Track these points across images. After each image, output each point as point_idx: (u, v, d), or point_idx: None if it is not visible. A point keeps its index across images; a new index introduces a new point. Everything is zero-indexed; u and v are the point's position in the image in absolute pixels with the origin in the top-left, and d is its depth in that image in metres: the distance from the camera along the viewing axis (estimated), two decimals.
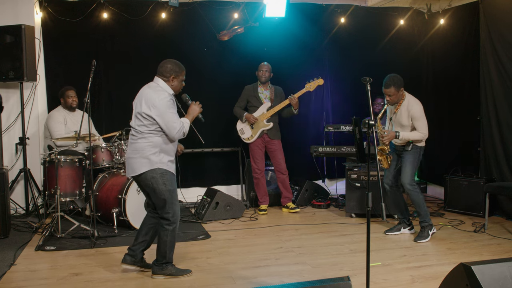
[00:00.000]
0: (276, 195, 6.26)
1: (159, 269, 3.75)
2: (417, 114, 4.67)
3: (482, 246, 4.60)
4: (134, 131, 3.70)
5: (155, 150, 3.61)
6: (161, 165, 3.64)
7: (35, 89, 5.90)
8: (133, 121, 3.72)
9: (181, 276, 3.78)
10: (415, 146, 4.72)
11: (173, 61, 3.78)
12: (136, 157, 3.63)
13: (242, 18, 6.39)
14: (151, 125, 3.60)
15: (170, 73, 3.72)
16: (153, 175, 3.61)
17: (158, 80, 3.74)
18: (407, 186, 4.73)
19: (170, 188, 3.67)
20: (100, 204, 5.14)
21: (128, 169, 3.72)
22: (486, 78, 5.85)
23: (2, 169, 4.92)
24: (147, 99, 3.61)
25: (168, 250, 3.72)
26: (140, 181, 3.70)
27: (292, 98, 5.78)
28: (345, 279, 2.42)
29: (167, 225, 3.70)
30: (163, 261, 3.74)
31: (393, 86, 4.63)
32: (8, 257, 4.22)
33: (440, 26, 6.66)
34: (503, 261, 2.45)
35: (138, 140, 3.65)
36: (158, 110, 3.57)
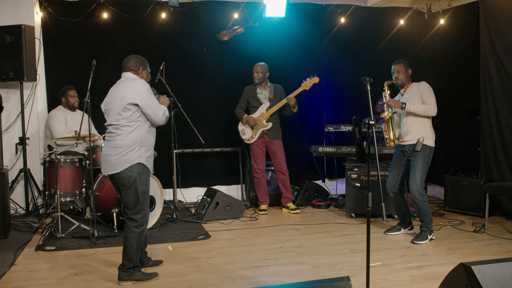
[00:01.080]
0: (276, 195, 6.26)
1: (126, 275, 3.64)
2: (426, 87, 4.62)
3: (482, 246, 4.60)
4: (113, 128, 3.61)
5: (134, 145, 3.57)
6: (140, 160, 3.59)
7: (35, 89, 5.90)
8: (110, 118, 3.63)
9: (149, 281, 3.69)
10: (425, 146, 4.59)
11: (136, 55, 3.79)
12: (115, 154, 3.57)
13: (242, 18, 6.39)
14: (131, 115, 3.55)
15: (138, 66, 3.73)
16: (131, 173, 3.55)
17: (128, 74, 3.71)
18: (416, 195, 4.62)
19: (145, 188, 3.63)
20: (100, 204, 5.14)
21: (106, 166, 3.63)
22: (486, 78, 5.85)
23: (2, 169, 4.92)
24: (128, 90, 3.56)
25: (135, 254, 3.63)
26: (116, 179, 3.61)
27: (289, 99, 5.79)
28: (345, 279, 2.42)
29: (135, 227, 3.61)
30: (130, 266, 3.64)
31: (402, 63, 4.73)
32: (8, 257, 4.22)
33: (440, 26, 6.67)
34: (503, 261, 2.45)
35: (116, 137, 3.58)
36: (141, 95, 3.54)
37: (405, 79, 4.73)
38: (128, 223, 3.64)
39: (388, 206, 5.35)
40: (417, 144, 4.60)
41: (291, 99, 5.79)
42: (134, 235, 3.62)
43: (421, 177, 4.61)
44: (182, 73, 6.36)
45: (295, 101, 5.82)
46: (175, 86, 5.67)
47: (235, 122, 6.08)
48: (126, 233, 3.64)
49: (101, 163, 3.74)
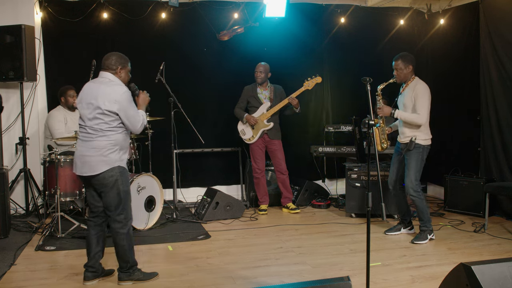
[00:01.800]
0: (276, 195, 6.26)
1: (126, 275, 3.63)
2: (421, 92, 4.53)
3: (482, 246, 4.60)
4: (91, 130, 3.48)
5: (115, 148, 3.51)
6: (120, 162, 3.54)
7: (35, 89, 5.90)
8: (87, 121, 3.50)
9: (149, 280, 3.68)
10: (417, 145, 4.59)
11: (117, 53, 3.65)
12: (95, 155, 3.46)
13: (242, 18, 6.39)
14: (112, 121, 3.47)
15: (117, 65, 3.59)
16: (112, 173, 3.49)
17: (107, 74, 3.58)
18: (411, 192, 4.63)
19: (126, 188, 3.58)
20: None
21: (83, 167, 3.51)
22: (486, 78, 5.85)
23: (2, 169, 4.92)
24: (106, 95, 3.44)
25: (129, 254, 3.60)
26: (96, 181, 3.51)
27: (292, 99, 5.78)
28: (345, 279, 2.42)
29: (120, 228, 3.56)
30: (128, 266, 3.62)
31: (400, 59, 4.62)
32: (8, 257, 4.22)
33: (440, 26, 6.67)
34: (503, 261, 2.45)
35: (97, 138, 3.47)
36: (121, 105, 3.45)
37: (405, 76, 4.66)
38: (113, 226, 3.57)
39: (388, 206, 5.35)
40: (409, 143, 4.62)
41: (293, 99, 5.78)
42: (122, 236, 3.57)
43: (415, 175, 4.62)
44: (182, 73, 6.36)
45: (297, 101, 5.81)
46: (175, 86, 5.68)
47: (235, 122, 6.08)
48: (114, 236, 3.59)
49: (76, 164, 3.57)
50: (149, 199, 5.22)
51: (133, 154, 5.43)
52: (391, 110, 4.59)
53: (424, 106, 4.52)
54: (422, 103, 4.52)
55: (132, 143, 5.44)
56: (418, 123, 4.55)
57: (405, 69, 4.62)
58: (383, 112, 4.61)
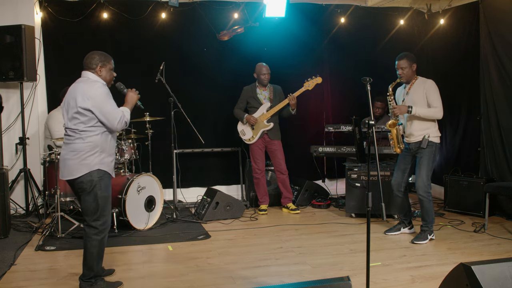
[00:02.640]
0: (276, 195, 6.26)
1: (87, 285, 3.47)
2: (432, 88, 4.55)
3: (482, 246, 4.60)
4: (70, 131, 3.43)
5: (94, 150, 3.40)
6: (101, 166, 3.42)
7: (35, 89, 5.90)
8: (67, 121, 3.46)
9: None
10: (431, 142, 4.57)
11: (98, 52, 3.59)
12: (73, 158, 3.38)
13: (242, 18, 6.39)
14: (88, 120, 3.38)
15: (96, 63, 3.52)
16: (91, 178, 3.38)
17: (87, 73, 3.53)
18: (421, 193, 4.59)
19: (105, 194, 3.46)
20: None
21: (64, 171, 3.45)
22: (486, 78, 5.85)
23: (2, 169, 4.92)
24: (82, 93, 3.37)
25: (95, 263, 3.46)
26: (75, 184, 3.43)
27: (291, 98, 5.77)
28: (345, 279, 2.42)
29: (94, 234, 3.43)
30: (91, 275, 3.47)
31: (405, 58, 4.62)
32: (8, 257, 4.22)
33: (440, 26, 6.67)
34: (503, 261, 2.45)
35: (75, 140, 3.39)
36: (95, 101, 3.35)
37: (410, 75, 4.65)
38: (87, 231, 3.45)
39: (388, 206, 5.35)
40: (422, 141, 4.58)
41: (293, 97, 5.76)
42: (94, 243, 3.43)
43: (427, 174, 4.60)
44: (182, 73, 6.36)
45: (296, 101, 5.81)
46: (175, 86, 5.68)
47: (235, 122, 6.08)
48: (86, 241, 3.45)
49: (60, 168, 3.54)
50: (149, 199, 5.22)
51: (133, 154, 5.43)
52: (407, 108, 4.56)
53: (439, 100, 4.56)
54: (436, 98, 4.56)
55: (132, 143, 5.44)
56: (437, 116, 4.57)
57: (410, 68, 4.62)
58: (400, 111, 4.59)
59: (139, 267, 4.05)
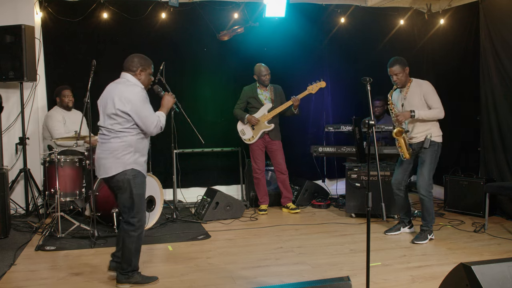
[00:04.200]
0: (276, 195, 6.26)
1: (124, 277, 3.59)
2: (429, 89, 4.57)
3: (482, 246, 4.60)
4: (106, 131, 3.51)
5: (129, 150, 3.47)
6: (135, 165, 3.50)
7: (35, 89, 5.90)
8: (103, 120, 3.54)
9: (148, 284, 3.64)
10: (433, 142, 4.59)
11: (139, 55, 3.66)
12: (109, 157, 3.47)
13: (242, 18, 6.39)
14: (125, 122, 3.45)
15: (137, 66, 3.58)
16: (126, 177, 3.46)
17: (126, 75, 3.59)
18: (423, 192, 4.61)
19: (140, 192, 3.54)
20: (100, 204, 5.13)
21: (100, 169, 3.54)
22: (486, 78, 5.85)
23: (2, 169, 4.92)
24: (120, 95, 3.44)
25: (133, 258, 3.57)
26: (111, 183, 3.53)
27: (295, 100, 5.78)
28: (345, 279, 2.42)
29: (132, 231, 3.53)
30: (129, 269, 3.58)
31: (397, 64, 4.60)
32: (8, 257, 4.22)
33: (440, 26, 6.66)
34: (503, 261, 2.45)
35: (111, 139, 3.47)
36: (133, 105, 3.42)
37: (405, 80, 4.66)
38: (125, 227, 3.55)
39: (388, 206, 5.35)
40: (425, 141, 4.59)
41: (296, 99, 5.77)
42: (132, 239, 3.54)
43: (429, 174, 4.61)
44: (182, 73, 6.36)
45: (299, 102, 5.81)
46: (175, 86, 5.67)
47: (235, 122, 6.08)
48: (124, 237, 3.56)
49: (95, 166, 3.63)
50: (149, 199, 5.21)
51: None
52: (410, 113, 4.56)
53: (438, 100, 4.58)
54: (436, 99, 4.58)
55: None
56: (440, 116, 4.60)
57: (403, 73, 4.62)
58: (404, 117, 4.59)
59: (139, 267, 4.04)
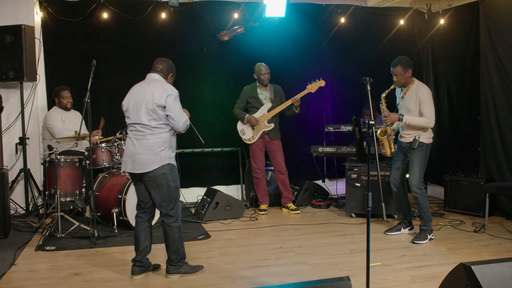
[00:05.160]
0: (276, 195, 6.26)
1: (174, 268, 3.76)
2: (425, 97, 4.56)
3: (482, 246, 4.60)
4: (141, 127, 3.63)
5: (165, 146, 3.64)
6: (170, 160, 3.68)
7: (35, 89, 5.90)
8: (136, 117, 3.63)
9: (195, 273, 3.81)
10: (421, 143, 4.61)
11: (169, 61, 3.85)
12: (146, 153, 3.61)
13: (242, 18, 6.39)
14: (160, 118, 3.61)
15: (169, 71, 3.81)
16: (163, 171, 3.62)
17: (155, 75, 3.75)
18: (415, 190, 4.66)
19: (177, 184, 3.72)
20: (100, 204, 5.14)
21: (136, 165, 3.64)
22: (486, 78, 5.85)
23: (2, 169, 4.92)
24: (159, 91, 3.60)
25: (180, 246, 3.76)
26: (147, 178, 3.64)
27: (295, 100, 5.78)
28: (345, 279, 2.42)
29: (173, 222, 3.71)
30: (178, 259, 3.76)
31: (399, 65, 4.61)
32: (8, 257, 4.22)
33: (440, 26, 6.66)
34: (503, 261, 2.45)
35: (147, 136, 3.62)
36: (170, 100, 3.59)
37: (406, 81, 4.67)
38: (166, 221, 3.71)
39: (389, 205, 5.35)
40: (413, 141, 4.64)
41: (296, 100, 5.77)
42: (174, 229, 3.71)
43: (419, 173, 4.65)
44: (182, 73, 6.30)
45: (299, 103, 5.82)
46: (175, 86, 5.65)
47: (235, 122, 6.08)
48: (167, 230, 3.72)
49: (127, 162, 3.71)
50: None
51: None
52: (399, 116, 4.60)
53: (431, 110, 4.57)
54: (429, 108, 4.56)
55: None
56: (427, 126, 4.60)
57: (405, 74, 4.63)
58: (390, 119, 4.63)
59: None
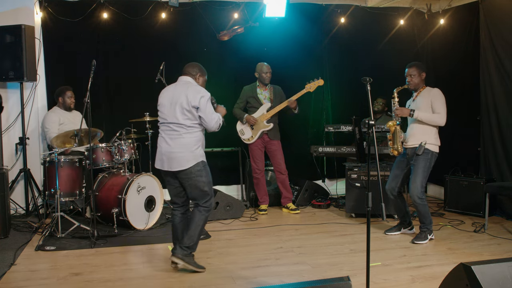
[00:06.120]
0: (276, 195, 6.26)
1: (181, 252, 3.83)
2: (438, 95, 4.58)
3: (482, 246, 4.60)
4: (176, 126, 3.83)
5: (198, 144, 3.88)
6: (203, 157, 3.91)
7: (35, 89, 5.90)
8: (175, 117, 3.82)
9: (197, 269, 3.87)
10: (427, 150, 4.57)
11: (198, 64, 4.12)
12: (183, 151, 3.81)
13: (242, 18, 6.39)
14: (194, 118, 3.82)
15: (197, 72, 4.04)
16: (199, 168, 3.83)
17: (187, 78, 4.01)
18: (416, 199, 4.60)
19: (210, 179, 3.93)
20: (100, 204, 5.14)
21: (173, 163, 3.83)
22: (486, 78, 5.86)
23: (2, 169, 4.92)
24: (193, 92, 3.81)
25: (197, 235, 3.86)
26: (183, 175, 3.83)
27: (291, 102, 5.79)
28: (345, 279, 2.42)
29: (204, 211, 3.88)
30: (189, 245, 3.84)
31: (415, 66, 4.68)
32: (8, 257, 4.22)
33: (440, 26, 6.67)
34: (503, 261, 2.45)
35: (183, 135, 3.83)
36: (203, 101, 3.80)
37: (419, 83, 4.69)
38: (199, 208, 3.89)
39: (388, 206, 5.35)
40: (419, 147, 4.58)
41: (292, 102, 5.78)
42: (203, 217, 3.87)
43: (421, 181, 4.60)
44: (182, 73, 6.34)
45: (296, 104, 5.83)
46: None
47: (235, 122, 6.08)
48: (195, 214, 3.87)
49: (163, 160, 3.88)
50: (149, 199, 5.22)
51: (133, 154, 5.43)
52: (410, 111, 4.59)
53: (444, 107, 4.59)
54: (441, 104, 4.58)
55: (132, 143, 5.44)
56: (439, 122, 4.60)
57: (419, 76, 4.68)
58: (402, 113, 4.63)
59: (139, 267, 4.05)
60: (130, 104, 6.28)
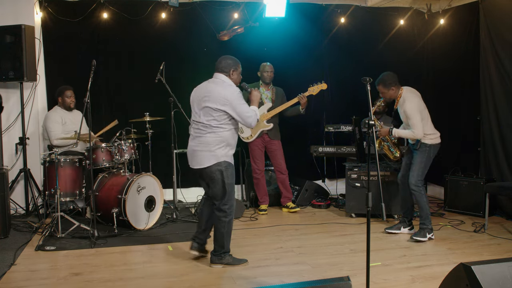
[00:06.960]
0: (276, 195, 6.26)
1: (217, 258, 3.97)
2: (408, 112, 4.67)
3: (482, 246, 4.60)
4: (202, 126, 3.87)
5: (222, 144, 3.86)
6: (226, 158, 3.89)
7: (35, 89, 5.90)
8: (198, 116, 3.88)
9: (238, 265, 3.99)
10: (423, 144, 4.70)
11: (230, 57, 4.06)
12: (204, 150, 3.86)
13: (242, 18, 6.39)
14: (221, 118, 3.83)
15: (230, 67, 4.00)
16: (219, 167, 3.85)
17: (220, 76, 3.98)
18: (412, 187, 4.73)
19: (231, 181, 3.92)
20: (100, 204, 5.14)
21: (193, 161, 3.94)
22: (486, 78, 5.86)
23: (2, 169, 4.92)
24: (218, 96, 3.82)
25: (225, 241, 3.95)
26: (204, 173, 3.90)
27: (301, 97, 5.74)
28: (345, 279, 2.42)
29: (223, 217, 3.91)
30: (221, 251, 3.96)
31: (381, 85, 4.77)
32: (8, 257, 4.22)
33: (440, 26, 6.67)
34: (503, 261, 2.45)
35: (206, 134, 3.86)
36: (231, 105, 3.81)
37: (391, 96, 4.80)
38: (217, 214, 3.94)
39: (389, 205, 5.35)
40: (416, 143, 4.75)
41: (303, 97, 5.70)
42: (224, 224, 3.91)
43: (418, 172, 4.72)
44: (182, 73, 6.36)
45: (306, 100, 5.76)
46: (175, 86, 5.67)
47: None
48: (216, 223, 3.95)
49: (188, 158, 4.01)
50: (149, 199, 5.22)
51: (133, 154, 5.43)
52: (389, 129, 4.79)
53: (417, 123, 4.63)
54: (414, 122, 4.64)
55: (132, 143, 5.44)
56: (416, 136, 4.70)
57: (388, 92, 4.77)
58: (381, 134, 4.89)
59: (139, 267, 4.05)
60: (130, 104, 6.29)
